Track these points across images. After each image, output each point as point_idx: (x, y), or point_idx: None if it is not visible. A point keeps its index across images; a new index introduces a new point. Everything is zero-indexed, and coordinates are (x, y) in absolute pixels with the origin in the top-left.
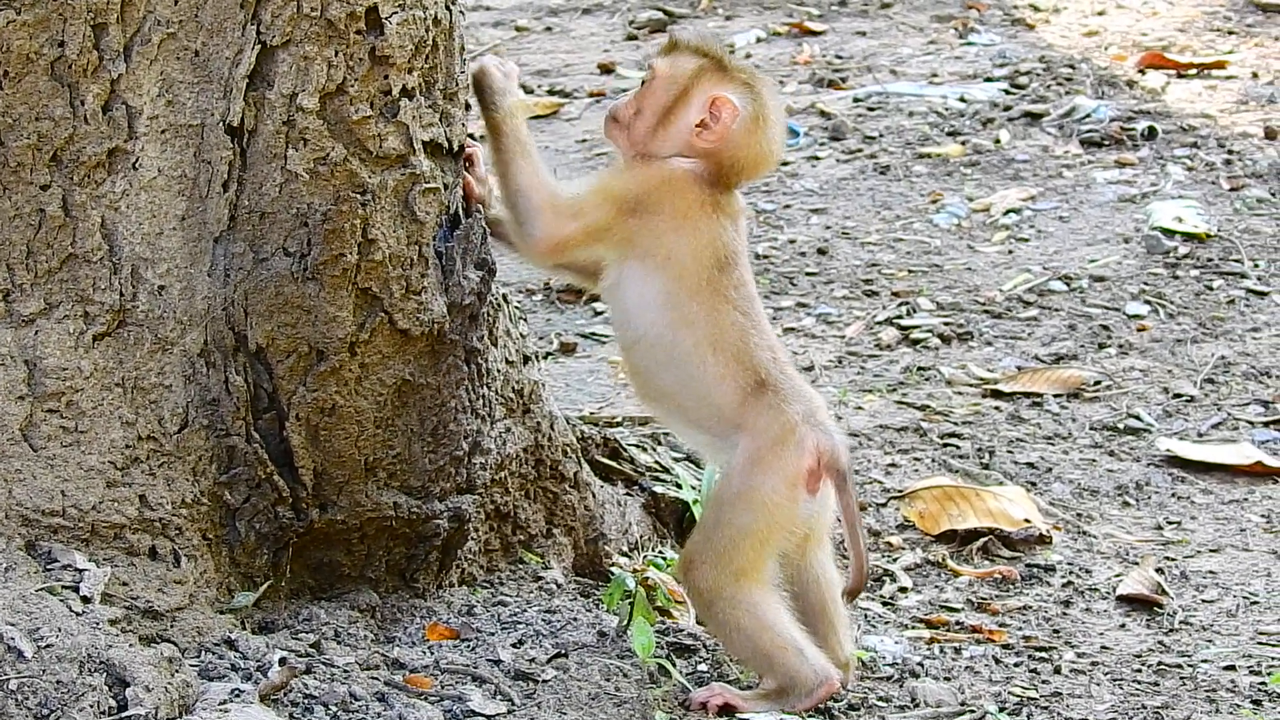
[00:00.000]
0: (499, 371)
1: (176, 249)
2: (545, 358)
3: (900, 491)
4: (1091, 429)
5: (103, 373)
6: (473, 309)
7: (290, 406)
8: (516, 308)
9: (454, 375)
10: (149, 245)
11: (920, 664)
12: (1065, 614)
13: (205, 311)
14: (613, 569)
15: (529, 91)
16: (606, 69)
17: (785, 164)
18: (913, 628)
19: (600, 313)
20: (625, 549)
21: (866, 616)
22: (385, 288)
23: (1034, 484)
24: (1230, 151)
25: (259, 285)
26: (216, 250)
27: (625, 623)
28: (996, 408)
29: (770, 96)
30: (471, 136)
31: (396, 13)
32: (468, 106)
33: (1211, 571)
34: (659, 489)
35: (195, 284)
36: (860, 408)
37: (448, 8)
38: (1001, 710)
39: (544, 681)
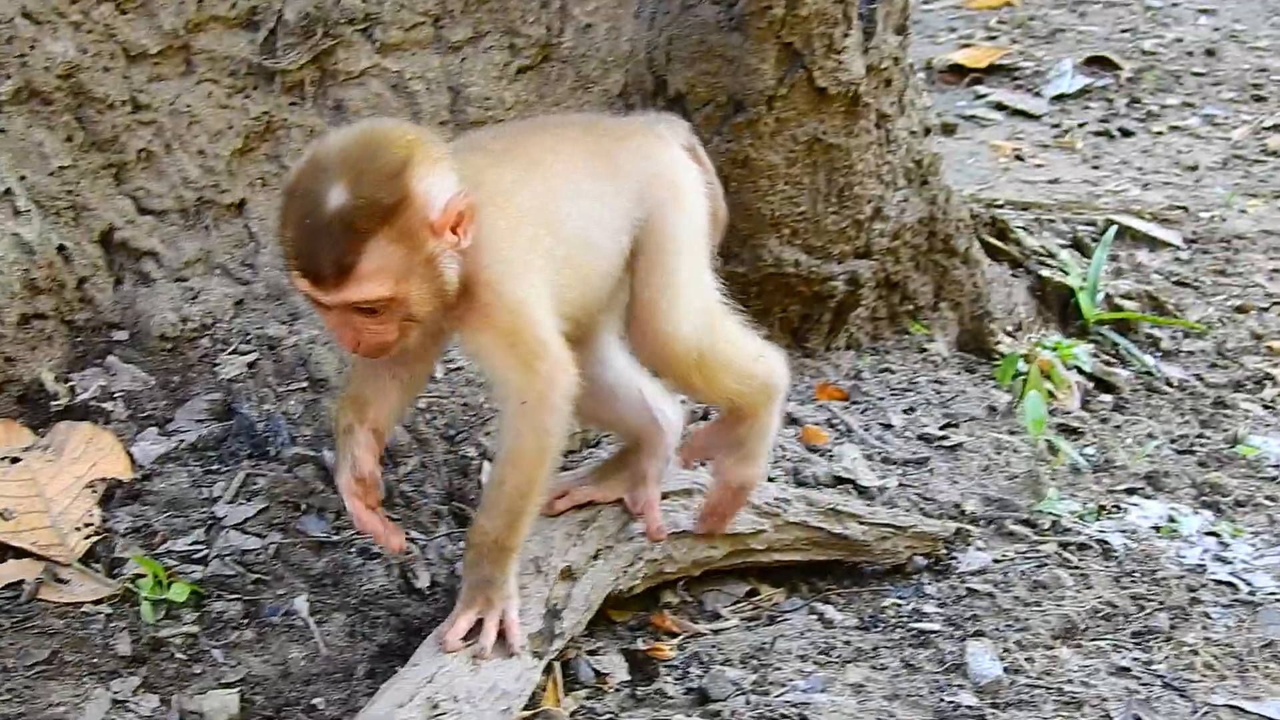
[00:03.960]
0: (903, 140)
1: None
2: None
3: None
4: None
5: (524, 105)
6: (889, 73)
7: None
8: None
9: (864, 138)
10: None
11: None
12: None
13: (628, 54)
14: (998, 347)
15: None
16: None
17: None
18: None
19: (982, 96)
20: (1009, 329)
21: (1248, 416)
22: (808, 44)
23: None
24: None
25: (684, 31)
26: None
27: (1017, 399)
28: None
29: (401, 139)
30: None
31: None
32: None
33: None
34: (1045, 272)
35: (621, 25)
36: (1244, 211)
37: None
38: None
39: (936, 450)
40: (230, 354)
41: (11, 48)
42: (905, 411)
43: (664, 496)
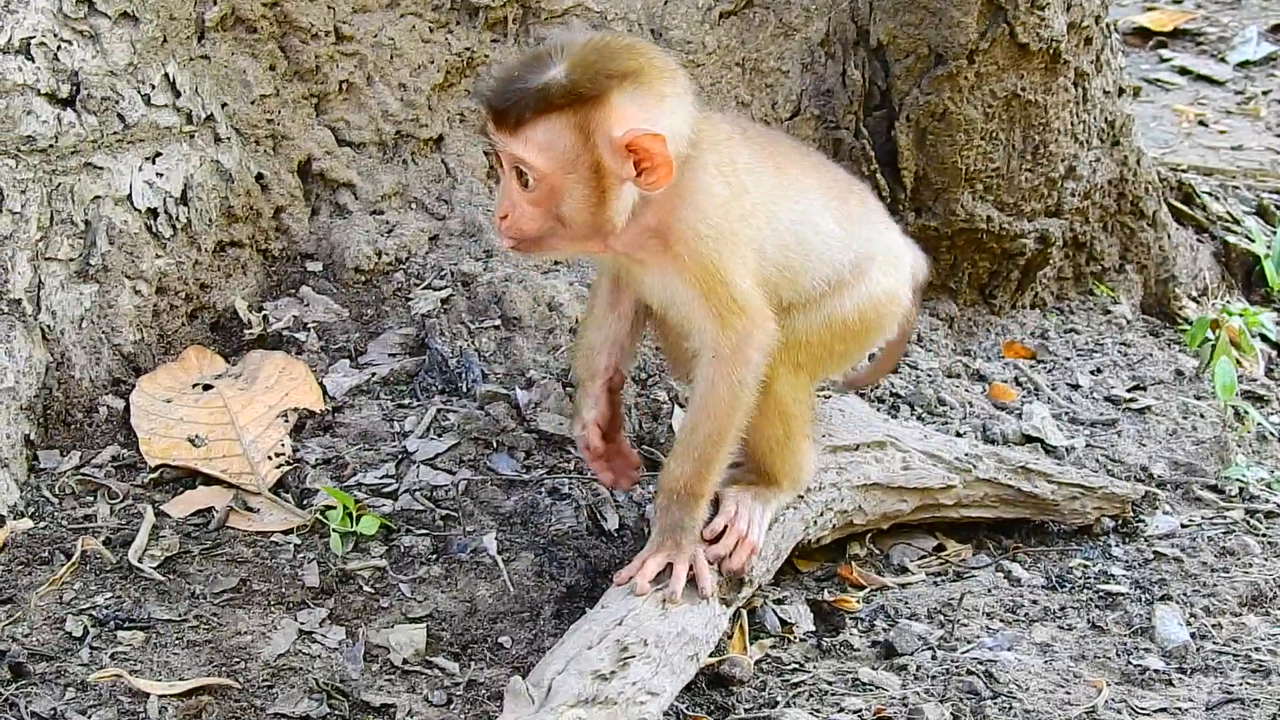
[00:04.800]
0: (1098, 99)
1: None
2: None
3: None
4: None
5: (724, 50)
6: (1089, 31)
7: (901, 107)
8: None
9: (1062, 96)
10: None
11: None
12: None
13: (832, 2)
14: (1182, 311)
15: None
16: None
17: None
18: None
19: (1166, 60)
20: (1194, 294)
21: None
22: None
23: None
24: None
25: None
26: None
27: (1204, 364)
28: None
29: (640, 57)
30: None
31: None
32: None
33: None
34: (1230, 239)
35: None
36: None
37: None
38: None
39: (1123, 412)
40: (424, 289)
41: None
42: (1092, 373)
43: (855, 448)
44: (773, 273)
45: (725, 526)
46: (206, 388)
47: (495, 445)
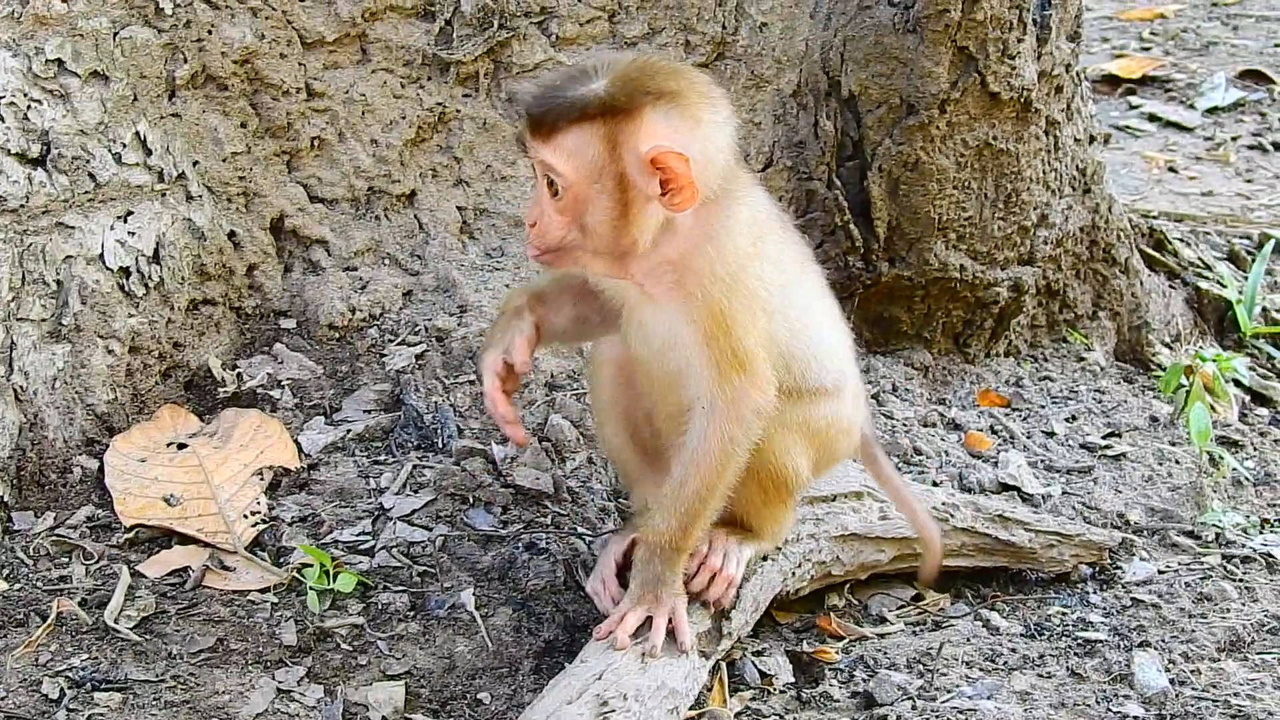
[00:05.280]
0: (1070, 147)
1: None
2: None
3: None
4: None
5: None
6: (1060, 80)
7: (874, 157)
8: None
9: (1033, 144)
10: None
11: None
12: None
13: (803, 53)
14: (1156, 357)
15: None
16: None
17: None
18: None
19: (1135, 107)
20: (1167, 340)
21: None
22: (982, 48)
23: None
24: None
25: (859, 32)
26: None
27: (1179, 410)
28: None
29: (681, 80)
30: None
31: None
32: None
33: None
34: (1202, 284)
35: (797, 24)
36: None
37: None
38: None
39: (1099, 459)
40: (398, 345)
41: (189, 32)
42: (1067, 420)
43: (832, 498)
44: (774, 350)
45: (699, 566)
46: (181, 446)
47: (472, 500)
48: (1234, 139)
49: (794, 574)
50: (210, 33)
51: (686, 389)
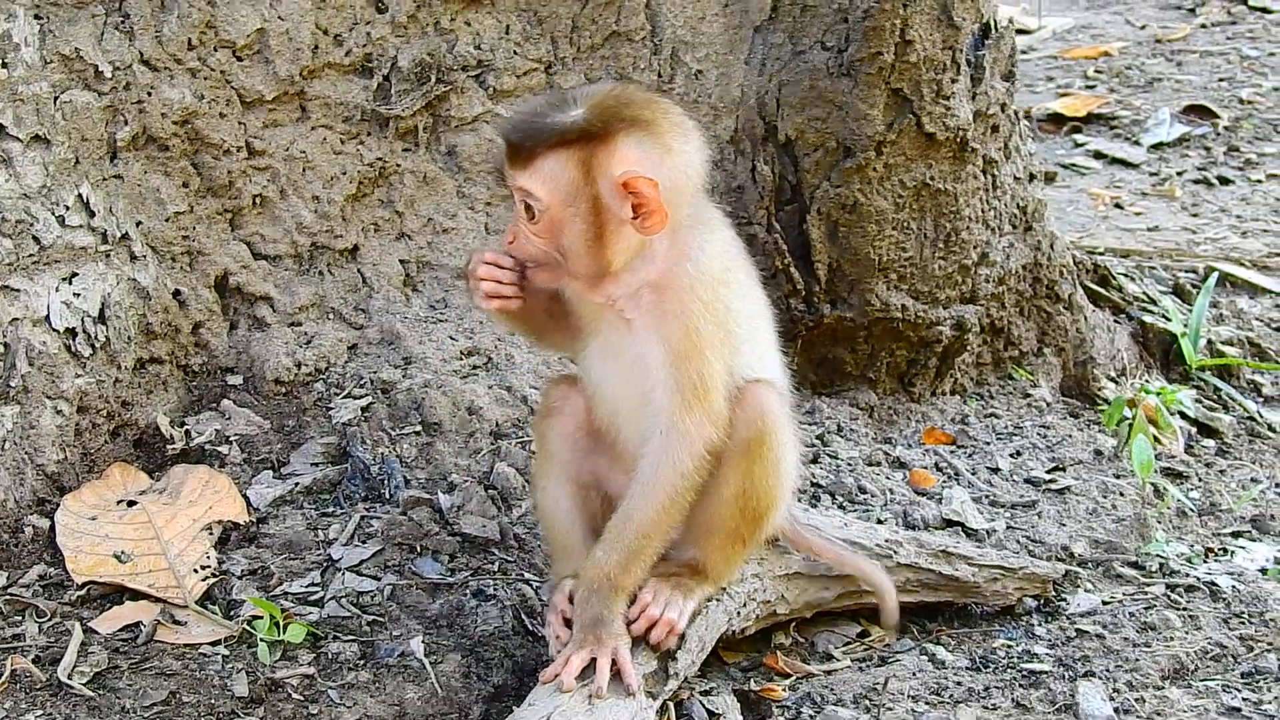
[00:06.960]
0: (1009, 185)
1: (717, 35)
2: None
3: None
4: None
5: None
6: (995, 119)
7: (813, 201)
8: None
9: (971, 184)
10: (690, 29)
11: None
12: None
13: (739, 99)
14: (1101, 392)
15: None
16: None
17: (1265, 10)
18: None
19: (1080, 145)
20: (1113, 374)
21: None
22: (916, 90)
23: None
24: None
25: (795, 77)
26: (756, 39)
27: (1122, 443)
28: None
29: (655, 109)
30: None
31: None
32: None
33: None
34: (1147, 319)
35: (732, 71)
36: None
37: None
38: None
39: (1043, 493)
40: (344, 398)
41: (129, 94)
42: (1012, 455)
43: (777, 538)
44: (732, 385)
45: (640, 613)
46: (131, 504)
47: (419, 550)
48: (1179, 174)
49: (739, 614)
50: (150, 94)
51: (648, 410)
